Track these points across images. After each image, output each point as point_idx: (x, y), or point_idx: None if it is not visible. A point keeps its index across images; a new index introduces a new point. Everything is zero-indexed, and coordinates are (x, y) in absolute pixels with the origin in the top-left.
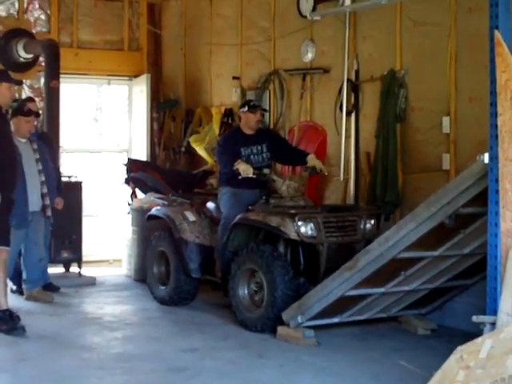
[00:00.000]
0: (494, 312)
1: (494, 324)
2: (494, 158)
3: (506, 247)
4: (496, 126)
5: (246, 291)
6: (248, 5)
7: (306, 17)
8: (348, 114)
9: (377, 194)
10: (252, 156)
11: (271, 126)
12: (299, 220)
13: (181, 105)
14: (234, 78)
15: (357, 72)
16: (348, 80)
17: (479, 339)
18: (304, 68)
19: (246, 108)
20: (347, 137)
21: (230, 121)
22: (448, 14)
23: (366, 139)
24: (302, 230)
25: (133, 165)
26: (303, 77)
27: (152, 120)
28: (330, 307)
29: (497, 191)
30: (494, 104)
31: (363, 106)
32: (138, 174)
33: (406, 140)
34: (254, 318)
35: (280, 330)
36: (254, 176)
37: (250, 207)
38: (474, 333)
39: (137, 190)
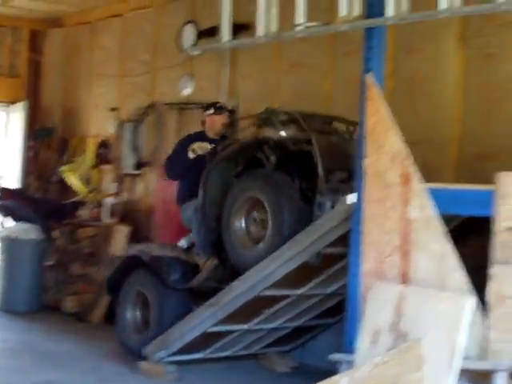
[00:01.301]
0: (352, 351)
1: (351, 362)
2: (359, 199)
3: (366, 287)
4: (362, 167)
5: None
6: (129, 36)
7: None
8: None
9: None
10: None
11: (145, 159)
12: None
13: (57, 133)
14: (111, 109)
15: (234, 109)
16: None
17: (336, 377)
18: (182, 102)
19: (212, 110)
20: None
21: (105, 151)
22: (325, 56)
23: None
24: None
25: (3, 192)
26: (181, 111)
27: (28, 148)
28: (193, 343)
29: (359, 232)
30: (361, 146)
31: None
32: (7, 202)
33: None
34: None
35: (143, 364)
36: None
37: None
38: (334, 371)
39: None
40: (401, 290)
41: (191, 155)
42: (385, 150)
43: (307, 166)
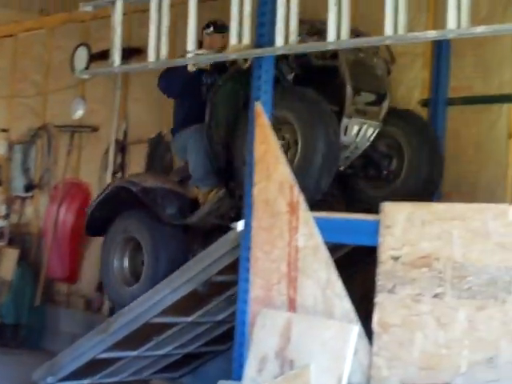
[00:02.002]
0: (240, 377)
1: None
2: (247, 226)
3: (254, 314)
4: (251, 195)
5: None
6: (21, 57)
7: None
8: (114, 173)
9: None
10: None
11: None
12: None
13: None
14: (1, 130)
15: (125, 133)
16: (116, 140)
17: None
18: (73, 125)
19: (212, 28)
20: None
21: None
22: None
23: None
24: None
25: None
26: (72, 134)
27: None
28: (82, 368)
29: (248, 259)
30: (250, 173)
31: (130, 167)
32: None
33: None
34: None
35: None
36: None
37: None
38: None
39: None
40: (288, 317)
41: (191, 68)
42: (273, 179)
43: (332, 84)
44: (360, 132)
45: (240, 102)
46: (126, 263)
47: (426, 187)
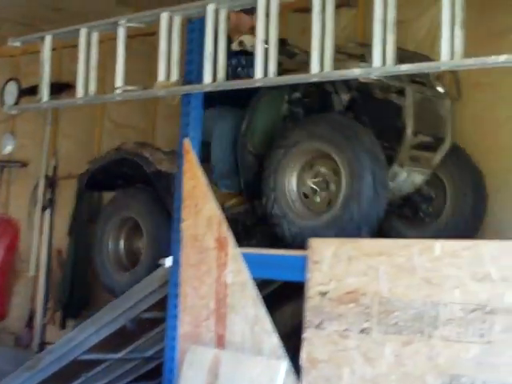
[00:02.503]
0: None
1: None
2: (175, 263)
3: (182, 351)
4: (179, 231)
5: None
6: None
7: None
8: (43, 209)
9: (65, 293)
10: (240, 69)
11: None
12: None
13: None
14: None
15: (55, 168)
16: (46, 175)
17: None
18: (2, 160)
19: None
20: (41, 233)
21: None
22: (147, 118)
23: (60, 236)
24: None
25: None
26: (1, 169)
27: None
28: None
29: (176, 295)
30: (178, 209)
31: (59, 203)
32: None
33: None
34: None
35: None
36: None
37: None
38: None
39: None
40: (216, 354)
41: (236, 47)
42: (202, 215)
43: (390, 121)
44: (408, 179)
45: (281, 113)
46: (122, 246)
47: (469, 227)
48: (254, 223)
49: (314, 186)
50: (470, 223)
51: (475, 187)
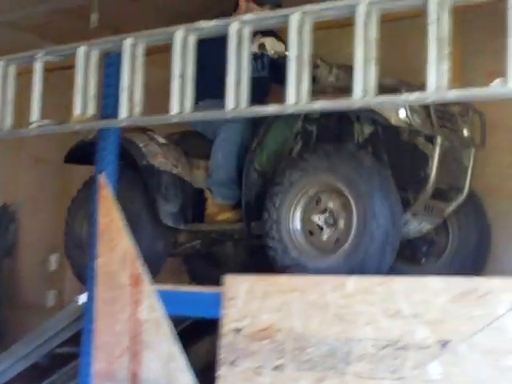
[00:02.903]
0: None
1: None
2: (90, 299)
3: None
4: (94, 267)
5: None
6: None
7: None
8: None
9: None
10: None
11: None
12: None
13: None
14: None
15: None
16: None
17: None
18: None
19: None
20: None
21: None
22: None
23: None
24: (406, 113)
25: None
26: None
27: None
28: None
29: (91, 332)
30: (93, 246)
31: None
32: None
33: (12, 275)
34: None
35: None
36: (287, 54)
37: None
38: None
39: None
40: None
41: (255, 49)
42: (116, 251)
43: (410, 166)
44: (417, 226)
45: (294, 130)
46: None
47: (472, 266)
48: (247, 245)
49: (321, 223)
50: (472, 263)
51: (479, 227)
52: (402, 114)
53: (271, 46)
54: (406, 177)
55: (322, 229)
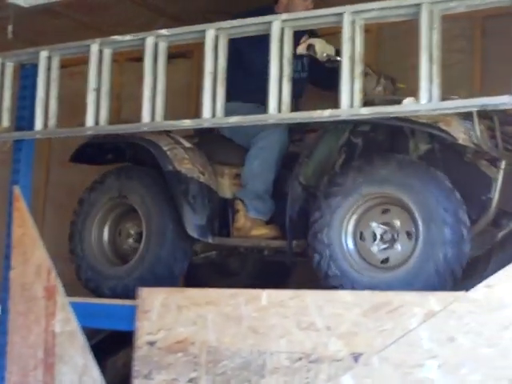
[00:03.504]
0: None
1: None
2: (4, 311)
3: None
4: (8, 279)
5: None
6: None
7: None
8: None
9: None
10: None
11: None
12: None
13: None
14: None
15: None
16: None
17: None
18: None
19: None
20: None
21: None
22: None
23: None
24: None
25: None
26: None
27: None
28: None
29: (5, 344)
30: (8, 257)
31: None
32: None
33: None
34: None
35: None
36: (338, 59)
37: None
38: None
39: None
40: None
41: (302, 51)
42: (30, 263)
43: (470, 188)
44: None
45: (339, 142)
46: (107, 235)
47: None
48: (288, 265)
49: (380, 237)
50: None
51: None
52: (472, 134)
53: (321, 48)
54: (465, 199)
55: (378, 242)
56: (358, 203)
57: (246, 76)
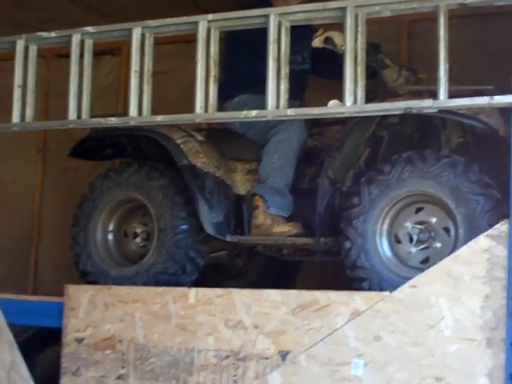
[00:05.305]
0: None
1: None
2: None
3: None
4: None
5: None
6: None
7: None
8: None
9: None
10: (303, 64)
11: None
12: None
13: None
14: None
15: None
16: None
17: None
18: None
19: None
20: None
21: None
22: None
23: None
24: None
25: None
26: None
27: None
28: None
29: None
30: None
31: None
32: None
33: None
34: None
35: None
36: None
37: None
38: None
39: None
40: None
41: (319, 44)
42: None
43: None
44: None
45: (366, 135)
46: (113, 234)
47: None
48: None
49: (415, 236)
50: None
51: None
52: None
53: (340, 40)
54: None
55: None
56: (399, 198)
57: (255, 67)
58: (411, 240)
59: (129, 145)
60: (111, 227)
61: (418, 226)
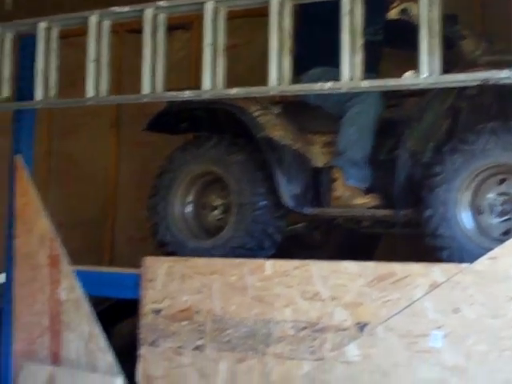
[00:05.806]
0: None
1: None
2: (9, 280)
3: (17, 369)
4: (12, 248)
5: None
6: None
7: None
8: None
9: None
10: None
11: None
12: None
13: None
14: None
15: None
16: None
17: None
18: None
19: None
20: None
21: None
22: None
23: None
24: None
25: None
26: None
27: None
28: None
29: (10, 312)
30: (11, 226)
31: None
32: None
33: None
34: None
35: None
36: None
37: None
38: None
39: None
40: (51, 371)
41: (396, 15)
42: (34, 232)
43: None
44: None
45: (444, 106)
46: (191, 206)
47: None
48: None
49: (497, 207)
50: None
51: None
52: None
53: (416, 10)
54: None
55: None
56: (483, 168)
57: (330, 40)
58: (493, 211)
59: (205, 118)
60: (190, 199)
61: (501, 197)
